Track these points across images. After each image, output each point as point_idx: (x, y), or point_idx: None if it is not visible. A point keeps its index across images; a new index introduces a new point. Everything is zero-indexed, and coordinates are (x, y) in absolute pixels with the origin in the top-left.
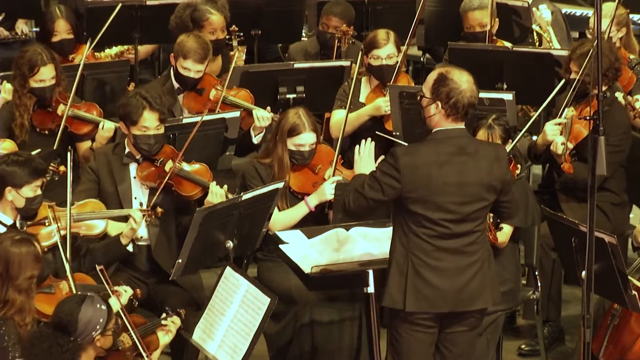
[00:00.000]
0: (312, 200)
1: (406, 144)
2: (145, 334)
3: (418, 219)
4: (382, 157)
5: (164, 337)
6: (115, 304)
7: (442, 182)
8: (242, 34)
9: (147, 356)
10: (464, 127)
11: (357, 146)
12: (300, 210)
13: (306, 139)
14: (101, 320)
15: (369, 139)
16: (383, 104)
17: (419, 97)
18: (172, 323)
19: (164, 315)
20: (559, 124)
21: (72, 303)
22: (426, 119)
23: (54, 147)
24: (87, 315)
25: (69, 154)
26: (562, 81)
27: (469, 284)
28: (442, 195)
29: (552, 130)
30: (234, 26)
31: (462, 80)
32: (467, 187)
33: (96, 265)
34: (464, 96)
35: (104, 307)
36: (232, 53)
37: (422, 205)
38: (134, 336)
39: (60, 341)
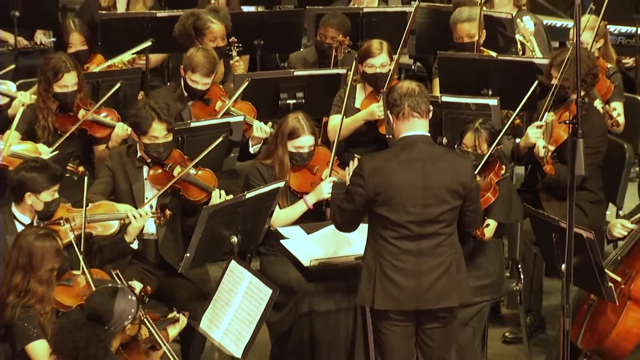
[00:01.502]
0: (311, 199)
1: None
2: (159, 329)
3: (383, 222)
4: None
5: (173, 331)
6: None
7: (403, 185)
8: (240, 45)
9: (164, 345)
10: (427, 133)
11: (351, 162)
12: (299, 208)
13: (305, 142)
14: (133, 310)
15: (356, 159)
16: (377, 109)
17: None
18: (182, 318)
19: (174, 312)
20: (540, 127)
21: (106, 295)
22: (392, 133)
23: (56, 146)
24: (121, 306)
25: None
26: (535, 83)
27: (434, 284)
28: (404, 197)
29: (534, 134)
30: (233, 37)
31: (402, 85)
32: (429, 190)
33: (111, 270)
34: (400, 95)
35: (134, 298)
36: (232, 62)
37: (386, 208)
38: (152, 328)
39: (98, 331)
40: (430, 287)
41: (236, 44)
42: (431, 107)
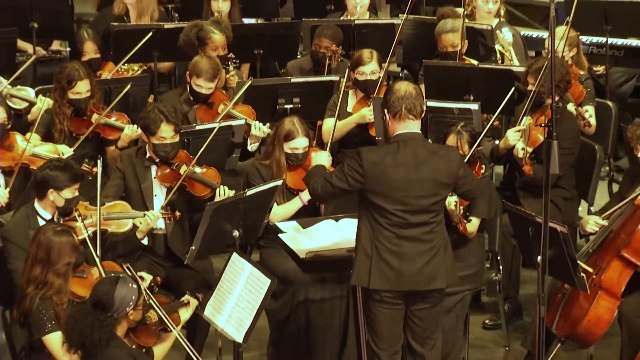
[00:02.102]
0: (306, 196)
1: None
2: (169, 312)
3: (380, 210)
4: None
5: (185, 314)
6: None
7: (398, 179)
8: (237, 60)
9: (173, 328)
10: (419, 132)
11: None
12: (295, 204)
13: (300, 143)
14: (133, 297)
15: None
16: (367, 113)
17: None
18: (192, 302)
19: (185, 297)
20: (519, 130)
21: (108, 284)
22: (387, 130)
23: (74, 149)
24: (122, 293)
25: (99, 160)
26: (512, 89)
27: (425, 267)
28: (399, 190)
29: (513, 137)
30: (231, 54)
31: (400, 87)
32: (421, 183)
33: (122, 264)
34: (397, 97)
35: (135, 285)
36: (228, 77)
37: (383, 198)
38: (160, 312)
39: (101, 317)
40: (422, 269)
41: (233, 60)
42: (424, 108)
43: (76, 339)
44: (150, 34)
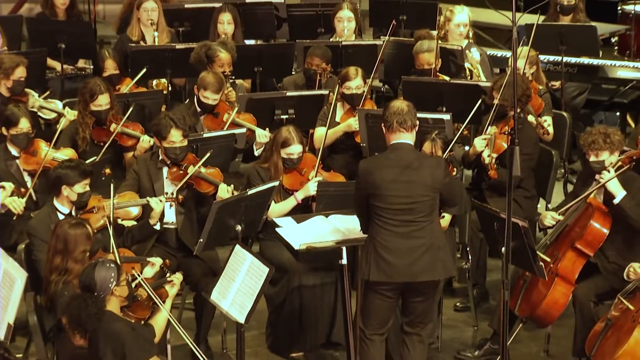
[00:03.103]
0: (300, 195)
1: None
2: (156, 288)
3: (376, 210)
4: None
5: (172, 290)
6: (148, 271)
7: (389, 182)
8: (234, 77)
9: (156, 299)
10: (411, 142)
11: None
12: (290, 203)
13: (295, 150)
14: (113, 274)
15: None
16: (353, 123)
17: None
18: (176, 278)
19: (167, 275)
20: (485, 138)
21: (89, 268)
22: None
23: (97, 157)
24: (102, 274)
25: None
26: (479, 102)
27: (418, 260)
28: (391, 191)
29: (480, 144)
30: (228, 72)
31: (394, 104)
32: (408, 184)
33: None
34: (391, 113)
35: (112, 265)
36: (226, 92)
37: (378, 200)
38: (147, 289)
39: (86, 297)
40: (414, 263)
41: (229, 76)
42: (417, 122)
43: (70, 319)
44: (145, 70)
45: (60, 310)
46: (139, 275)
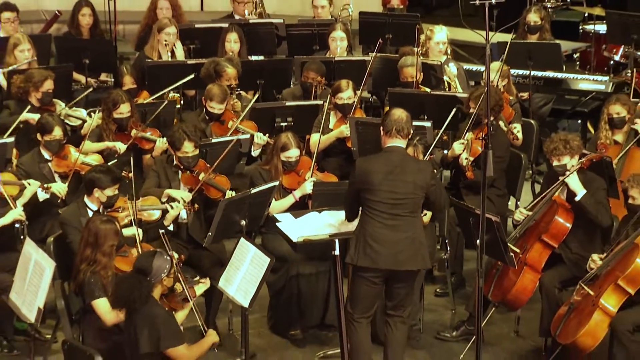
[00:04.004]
0: (297, 194)
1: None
2: (189, 286)
3: (367, 202)
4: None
5: (199, 290)
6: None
7: (381, 179)
8: (239, 89)
9: (190, 297)
10: (403, 147)
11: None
12: (289, 200)
13: (293, 153)
14: (167, 266)
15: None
16: (345, 130)
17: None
18: (205, 284)
19: (197, 277)
20: (463, 143)
21: (148, 255)
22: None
23: (118, 157)
24: (158, 263)
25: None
26: (454, 110)
27: (402, 251)
28: (380, 184)
29: (458, 148)
30: (234, 85)
31: (395, 113)
32: (397, 182)
33: (159, 230)
34: (391, 120)
35: (168, 257)
36: (232, 103)
37: (369, 192)
38: (184, 285)
39: (141, 279)
40: (399, 253)
41: (236, 89)
42: (412, 131)
43: (121, 296)
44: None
45: (112, 285)
46: (180, 273)
